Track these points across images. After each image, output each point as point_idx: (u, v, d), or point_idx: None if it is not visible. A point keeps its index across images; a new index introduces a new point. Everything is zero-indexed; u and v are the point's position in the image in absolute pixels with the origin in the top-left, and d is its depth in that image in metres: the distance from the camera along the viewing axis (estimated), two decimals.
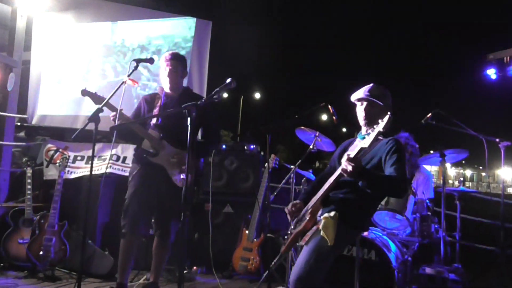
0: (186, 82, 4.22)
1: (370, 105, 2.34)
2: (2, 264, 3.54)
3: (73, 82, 4.68)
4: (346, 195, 2.23)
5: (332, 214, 2.16)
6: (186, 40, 4.73)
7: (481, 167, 49.42)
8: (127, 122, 2.82)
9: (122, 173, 3.99)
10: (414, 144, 3.39)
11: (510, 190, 32.48)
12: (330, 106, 3.08)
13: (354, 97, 2.43)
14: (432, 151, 3.42)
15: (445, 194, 3.21)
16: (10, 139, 4.16)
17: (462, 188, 3.37)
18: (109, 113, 2.80)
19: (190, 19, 4.75)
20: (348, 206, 2.21)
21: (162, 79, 3.08)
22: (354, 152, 2.07)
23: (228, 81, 2.36)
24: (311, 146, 3.46)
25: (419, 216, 3.13)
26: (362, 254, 2.82)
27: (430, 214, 3.18)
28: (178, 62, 3.02)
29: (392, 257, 2.82)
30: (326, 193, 2.24)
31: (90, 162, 2.42)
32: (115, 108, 2.78)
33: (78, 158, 4.18)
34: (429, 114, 3.18)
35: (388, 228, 3.27)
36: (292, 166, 3.66)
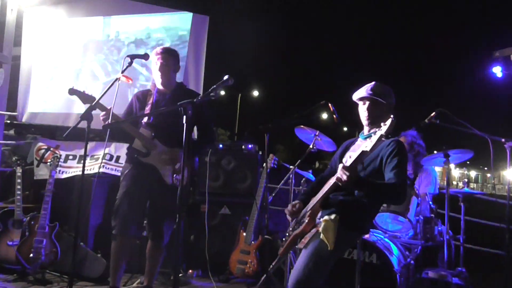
0: (182, 79, 4.16)
1: (373, 104, 2.31)
2: None
3: (64, 78, 4.60)
4: (347, 197, 2.21)
5: (332, 216, 2.13)
6: (181, 36, 4.63)
7: (486, 168, 49.65)
8: (118, 121, 2.76)
9: (116, 173, 3.96)
10: (421, 143, 3.33)
11: None
12: (330, 105, 3.01)
13: (356, 96, 2.39)
14: (435, 151, 3.37)
15: (449, 196, 3.16)
16: None
17: (466, 189, 3.33)
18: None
19: (187, 14, 4.67)
20: (348, 208, 2.18)
21: (154, 75, 3.02)
22: (355, 154, 2.01)
23: (225, 78, 2.31)
24: (311, 146, 3.44)
25: (422, 218, 3.10)
26: (363, 257, 2.77)
27: (433, 216, 3.15)
28: (169, 56, 2.95)
29: (394, 260, 2.78)
30: (325, 195, 2.20)
31: (83, 161, 2.39)
32: (106, 107, 2.71)
33: (70, 157, 4.15)
34: (433, 113, 3.12)
35: (390, 230, 3.23)
36: (291, 166, 3.63)
